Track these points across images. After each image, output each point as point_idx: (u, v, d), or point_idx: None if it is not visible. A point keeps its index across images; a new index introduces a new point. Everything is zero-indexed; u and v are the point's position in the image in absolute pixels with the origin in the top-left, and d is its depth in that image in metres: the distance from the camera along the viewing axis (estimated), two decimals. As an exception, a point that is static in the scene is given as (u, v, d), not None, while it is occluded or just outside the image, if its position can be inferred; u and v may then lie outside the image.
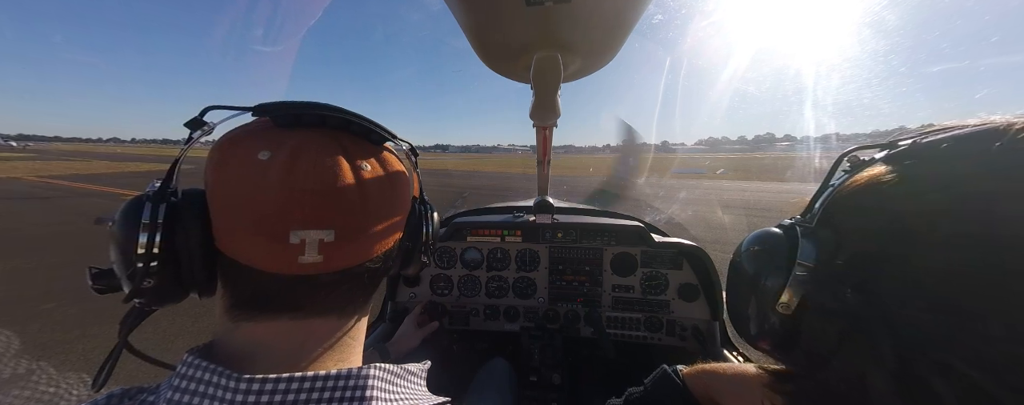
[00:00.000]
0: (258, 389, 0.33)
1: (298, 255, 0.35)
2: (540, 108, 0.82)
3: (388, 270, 0.46)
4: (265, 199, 0.35)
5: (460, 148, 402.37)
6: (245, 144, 0.37)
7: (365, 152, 0.40)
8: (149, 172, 22.76)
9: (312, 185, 0.35)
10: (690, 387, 0.67)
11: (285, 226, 0.35)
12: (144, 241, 0.35)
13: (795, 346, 0.39)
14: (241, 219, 0.36)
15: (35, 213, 8.58)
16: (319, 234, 0.35)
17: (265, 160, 0.35)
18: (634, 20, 0.54)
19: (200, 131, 0.39)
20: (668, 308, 1.47)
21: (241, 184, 0.36)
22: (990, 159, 0.29)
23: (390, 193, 0.42)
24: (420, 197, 0.52)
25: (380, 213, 0.41)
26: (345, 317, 0.42)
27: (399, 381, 0.40)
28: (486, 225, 1.59)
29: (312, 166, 0.35)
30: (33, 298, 3.77)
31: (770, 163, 43.31)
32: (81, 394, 2.40)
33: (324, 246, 0.35)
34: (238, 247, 0.37)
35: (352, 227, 0.38)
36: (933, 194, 0.31)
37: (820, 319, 0.36)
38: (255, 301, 0.38)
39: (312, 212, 0.35)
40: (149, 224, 0.35)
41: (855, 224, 0.36)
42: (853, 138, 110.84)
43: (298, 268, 0.36)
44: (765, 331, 0.41)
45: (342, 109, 0.39)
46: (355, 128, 0.40)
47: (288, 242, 0.35)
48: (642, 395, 0.71)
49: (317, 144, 0.37)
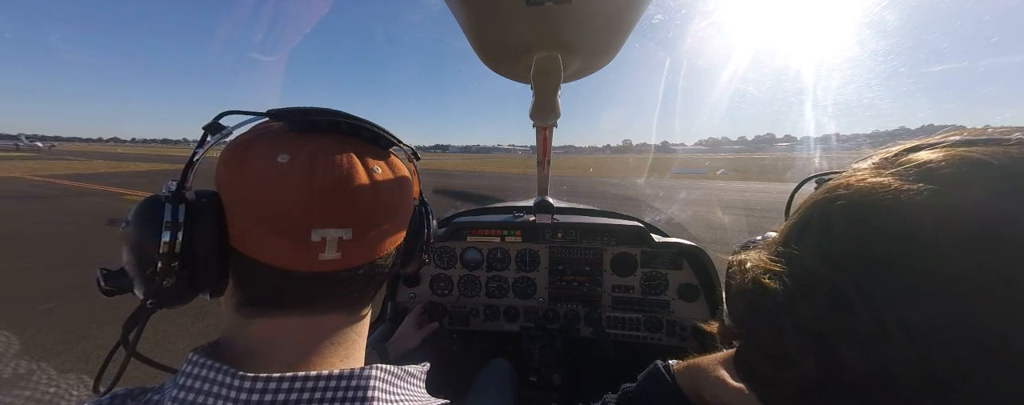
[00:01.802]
0: (262, 388, 0.33)
1: (318, 253, 0.37)
2: (540, 108, 0.82)
3: (394, 268, 0.49)
4: (286, 200, 0.36)
5: (460, 148, 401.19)
6: (262, 147, 0.38)
7: (375, 155, 0.43)
8: (149, 172, 22.78)
9: (331, 186, 0.37)
10: (680, 382, 0.67)
11: (306, 225, 0.36)
12: (167, 241, 0.36)
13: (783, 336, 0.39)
14: (260, 219, 0.37)
15: (36, 213, 8.58)
16: (338, 233, 0.38)
17: (285, 163, 0.37)
18: (634, 20, 0.54)
19: (218, 135, 0.39)
20: (668, 308, 1.47)
21: (260, 185, 0.37)
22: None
23: (398, 194, 0.45)
24: (420, 198, 0.56)
25: (390, 212, 0.43)
26: (353, 314, 0.44)
27: (399, 382, 0.41)
28: (486, 225, 1.59)
29: (330, 168, 0.38)
30: (33, 298, 3.77)
31: (770, 164, 43.37)
32: (81, 395, 2.40)
33: (342, 244, 0.38)
34: (255, 245, 0.38)
35: (367, 226, 0.40)
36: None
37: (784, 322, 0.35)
38: (269, 298, 0.39)
39: (332, 212, 0.37)
40: (171, 224, 0.36)
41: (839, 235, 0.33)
42: (853, 138, 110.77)
43: (317, 265, 0.38)
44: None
45: (353, 116, 0.42)
46: (365, 133, 0.43)
47: (309, 241, 0.37)
48: (634, 391, 0.72)
49: (333, 148, 0.39)
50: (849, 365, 0.26)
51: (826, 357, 0.28)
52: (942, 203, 0.25)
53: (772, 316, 0.31)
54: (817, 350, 0.28)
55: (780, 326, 0.31)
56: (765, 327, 0.33)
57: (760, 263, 0.34)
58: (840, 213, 0.30)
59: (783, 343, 0.30)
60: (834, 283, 0.28)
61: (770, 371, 0.33)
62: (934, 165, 0.27)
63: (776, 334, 0.31)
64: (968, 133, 0.31)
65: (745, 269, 0.35)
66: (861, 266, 0.27)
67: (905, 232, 0.26)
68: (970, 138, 0.29)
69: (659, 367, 0.72)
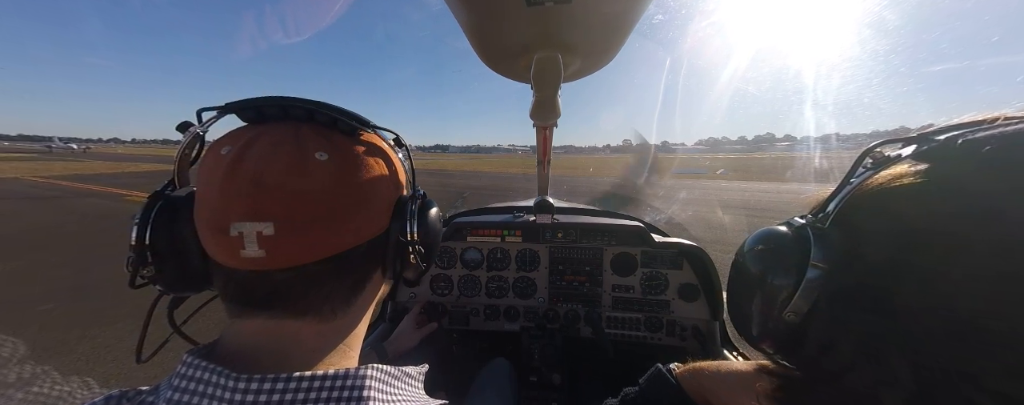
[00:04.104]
0: (256, 389, 0.33)
1: (239, 248, 0.35)
2: (540, 108, 0.82)
3: (372, 270, 0.44)
4: (213, 192, 0.36)
5: (460, 148, 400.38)
6: (217, 142, 0.39)
7: (326, 143, 0.38)
8: (149, 172, 22.75)
9: (252, 176, 0.35)
10: (684, 385, 0.67)
11: (226, 218, 0.35)
12: (135, 235, 0.39)
13: (800, 352, 0.37)
14: (202, 213, 0.38)
15: (36, 213, 8.58)
16: (257, 226, 0.34)
17: (223, 155, 0.37)
18: (634, 20, 0.54)
19: (189, 132, 0.42)
20: (668, 308, 1.47)
21: (203, 180, 0.38)
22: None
23: (353, 185, 0.39)
24: (412, 190, 0.48)
25: (337, 206, 0.37)
26: (326, 321, 0.40)
27: (396, 383, 0.40)
28: (486, 225, 1.59)
29: (256, 158, 0.35)
30: (33, 298, 3.76)
31: (770, 163, 43.30)
32: (83, 396, 2.40)
33: (264, 239, 0.34)
34: (205, 242, 0.38)
35: (297, 220, 0.35)
36: (969, 201, 0.27)
37: (832, 332, 0.33)
38: (233, 298, 0.39)
39: (250, 204, 0.34)
40: (140, 220, 0.39)
41: (874, 227, 0.33)
42: (853, 138, 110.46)
43: (243, 262, 0.35)
44: (768, 333, 0.40)
45: (306, 100, 0.39)
46: (320, 118, 0.40)
47: (228, 234, 0.35)
48: (637, 394, 0.71)
49: (270, 136, 0.37)
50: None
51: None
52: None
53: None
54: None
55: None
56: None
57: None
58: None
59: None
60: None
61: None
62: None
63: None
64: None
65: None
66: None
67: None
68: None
69: (662, 370, 0.72)
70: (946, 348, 0.26)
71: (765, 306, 0.39)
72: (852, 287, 0.32)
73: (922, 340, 0.27)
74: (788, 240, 0.40)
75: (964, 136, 0.30)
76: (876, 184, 0.34)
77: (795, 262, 0.37)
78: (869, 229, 0.33)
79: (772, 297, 0.38)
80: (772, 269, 0.40)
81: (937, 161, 0.31)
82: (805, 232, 0.38)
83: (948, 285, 0.27)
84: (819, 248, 0.35)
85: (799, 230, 0.39)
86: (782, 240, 0.40)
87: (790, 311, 0.36)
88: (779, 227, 0.42)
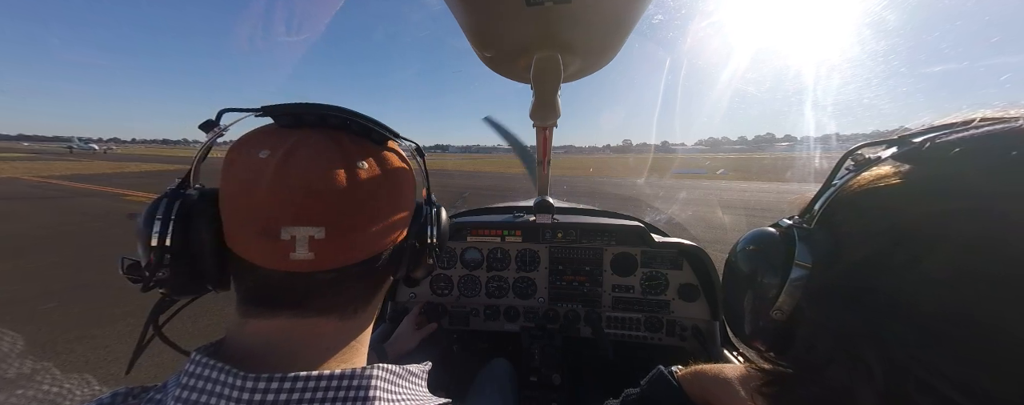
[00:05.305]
0: (264, 388, 0.33)
1: (289, 252, 0.36)
2: (540, 108, 0.82)
3: (392, 272, 0.47)
4: (259, 196, 0.36)
5: (460, 148, 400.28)
6: (249, 144, 0.39)
7: (363, 151, 0.41)
8: (149, 172, 22.76)
9: (303, 182, 0.36)
10: (685, 388, 0.67)
11: (276, 222, 0.36)
12: (157, 234, 0.38)
13: (788, 349, 0.38)
14: (242, 216, 0.37)
15: (36, 213, 8.58)
16: (309, 231, 0.36)
17: (263, 159, 0.37)
18: (634, 20, 0.54)
19: (213, 132, 0.41)
20: (668, 308, 1.47)
21: (241, 182, 0.37)
22: (1006, 169, 0.27)
23: (388, 192, 0.42)
24: (428, 197, 0.53)
25: (376, 212, 0.41)
26: (347, 319, 0.43)
27: (401, 381, 0.41)
28: (486, 225, 1.59)
29: (305, 164, 0.36)
30: (33, 298, 3.77)
31: (770, 163, 43.32)
32: (84, 394, 2.40)
33: (315, 243, 0.36)
34: (240, 244, 0.38)
35: (344, 225, 0.38)
36: (940, 202, 0.28)
37: (814, 329, 0.34)
38: (257, 298, 0.39)
39: (302, 209, 0.36)
40: (161, 219, 0.38)
41: (854, 228, 0.34)
42: (853, 138, 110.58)
43: (290, 265, 0.36)
44: (758, 331, 0.41)
45: (343, 109, 0.40)
46: (355, 127, 0.41)
47: (279, 238, 0.36)
48: (638, 396, 0.72)
49: (313, 143, 0.38)
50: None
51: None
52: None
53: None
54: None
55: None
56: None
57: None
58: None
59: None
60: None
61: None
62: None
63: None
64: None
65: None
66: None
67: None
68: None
69: (663, 372, 0.72)
70: (917, 344, 0.27)
71: (755, 305, 0.41)
72: (832, 285, 0.33)
73: (894, 336, 0.28)
74: (776, 240, 0.41)
75: (935, 139, 0.31)
76: (856, 186, 0.35)
77: (781, 262, 0.38)
78: (848, 229, 0.35)
79: (761, 296, 0.39)
80: (760, 269, 0.41)
81: (912, 163, 0.33)
82: (792, 233, 0.39)
83: (918, 283, 0.28)
84: (803, 248, 0.36)
85: (786, 231, 0.41)
86: (770, 240, 0.42)
87: (776, 309, 0.37)
88: (768, 228, 0.44)
